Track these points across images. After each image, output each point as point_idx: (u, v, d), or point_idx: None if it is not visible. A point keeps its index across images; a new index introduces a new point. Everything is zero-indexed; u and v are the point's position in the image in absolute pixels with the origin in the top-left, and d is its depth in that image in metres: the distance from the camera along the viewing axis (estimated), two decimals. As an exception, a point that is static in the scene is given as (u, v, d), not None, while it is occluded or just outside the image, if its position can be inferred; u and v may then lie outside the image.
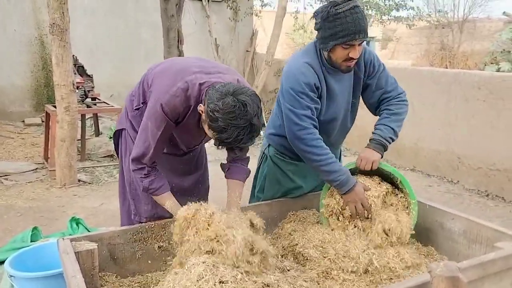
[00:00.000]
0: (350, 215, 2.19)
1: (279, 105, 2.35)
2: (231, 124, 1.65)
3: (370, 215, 2.15)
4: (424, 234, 2.28)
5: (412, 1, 12.36)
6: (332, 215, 2.24)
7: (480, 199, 4.59)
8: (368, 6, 12.08)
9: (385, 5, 12.03)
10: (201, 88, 1.84)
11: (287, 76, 2.17)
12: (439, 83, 5.23)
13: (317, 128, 2.18)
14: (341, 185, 2.14)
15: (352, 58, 2.10)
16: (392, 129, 2.28)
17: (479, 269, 1.65)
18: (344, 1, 1.99)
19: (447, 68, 10.45)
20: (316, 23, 2.10)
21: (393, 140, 2.31)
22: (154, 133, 1.89)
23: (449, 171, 5.17)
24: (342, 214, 2.22)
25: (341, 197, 2.20)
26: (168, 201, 2.01)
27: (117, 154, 2.38)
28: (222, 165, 2.20)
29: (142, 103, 2.08)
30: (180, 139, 2.13)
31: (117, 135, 2.33)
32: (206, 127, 1.78)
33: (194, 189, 2.34)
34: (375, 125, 2.34)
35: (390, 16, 12.38)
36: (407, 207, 2.22)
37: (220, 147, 1.79)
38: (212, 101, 1.69)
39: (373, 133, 2.32)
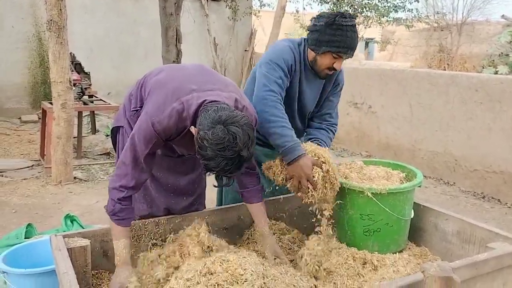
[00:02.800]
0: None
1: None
2: (219, 154, 1.61)
3: (315, 193, 2.01)
4: (418, 234, 2.29)
5: (411, 3, 12.30)
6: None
7: (476, 201, 4.59)
8: (367, 8, 12.08)
9: (384, 6, 12.03)
10: (197, 108, 1.79)
11: (269, 51, 2.28)
12: (436, 84, 5.23)
13: (282, 99, 2.18)
14: (287, 152, 2.03)
15: (334, 69, 2.22)
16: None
17: (472, 269, 1.66)
18: (349, 17, 2.11)
19: (445, 70, 10.46)
20: (315, 25, 2.17)
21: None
22: (141, 149, 1.85)
23: (446, 173, 5.18)
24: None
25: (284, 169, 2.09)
26: (123, 238, 1.90)
27: (115, 150, 2.37)
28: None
29: (140, 106, 2.06)
30: (176, 148, 2.11)
31: (114, 132, 2.31)
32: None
33: (190, 189, 2.32)
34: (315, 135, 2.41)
35: (389, 18, 12.38)
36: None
37: (208, 173, 1.75)
38: (202, 128, 1.65)
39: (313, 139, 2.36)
